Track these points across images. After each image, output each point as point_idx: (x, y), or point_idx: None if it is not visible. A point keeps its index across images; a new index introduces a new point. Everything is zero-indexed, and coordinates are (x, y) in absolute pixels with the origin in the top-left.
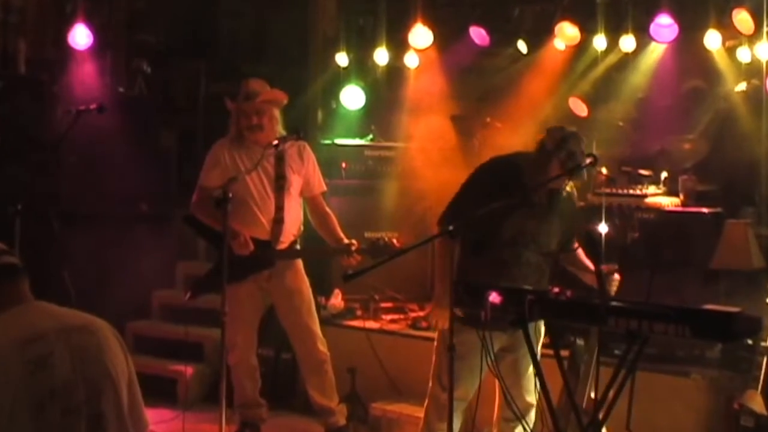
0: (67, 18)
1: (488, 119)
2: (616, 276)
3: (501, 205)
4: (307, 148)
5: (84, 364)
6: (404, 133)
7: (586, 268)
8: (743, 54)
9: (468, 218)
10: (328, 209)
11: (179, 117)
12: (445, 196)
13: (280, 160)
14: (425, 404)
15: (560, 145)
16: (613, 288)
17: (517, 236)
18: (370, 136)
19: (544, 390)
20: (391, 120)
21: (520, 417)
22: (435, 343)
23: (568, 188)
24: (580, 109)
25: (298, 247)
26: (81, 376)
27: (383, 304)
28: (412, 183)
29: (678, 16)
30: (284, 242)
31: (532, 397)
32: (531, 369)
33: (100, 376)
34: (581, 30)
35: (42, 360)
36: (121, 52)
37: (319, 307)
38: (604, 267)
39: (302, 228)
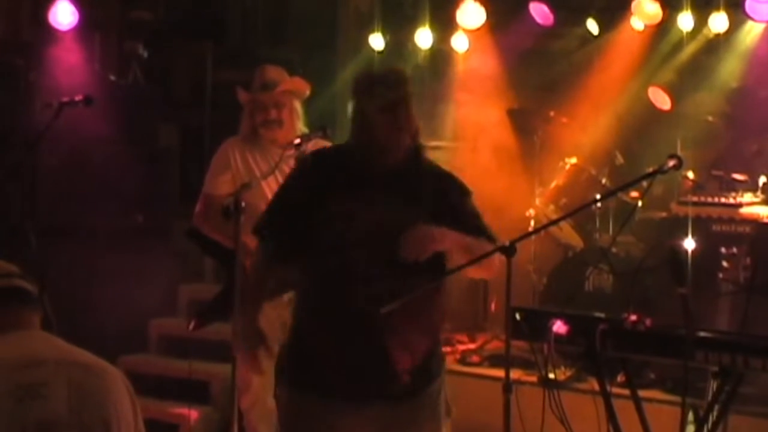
0: None
1: (552, 113)
2: None
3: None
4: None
5: (82, 406)
6: (451, 129)
7: None
8: None
9: None
10: None
11: (181, 111)
12: (500, 204)
13: None
14: None
15: None
16: None
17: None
18: None
19: None
20: (436, 114)
21: None
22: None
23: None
24: (661, 101)
25: None
26: (77, 417)
27: None
28: None
29: None
30: None
31: None
32: None
33: (98, 423)
34: (663, 6)
35: (33, 388)
36: (112, 33)
37: None
38: None
39: None
